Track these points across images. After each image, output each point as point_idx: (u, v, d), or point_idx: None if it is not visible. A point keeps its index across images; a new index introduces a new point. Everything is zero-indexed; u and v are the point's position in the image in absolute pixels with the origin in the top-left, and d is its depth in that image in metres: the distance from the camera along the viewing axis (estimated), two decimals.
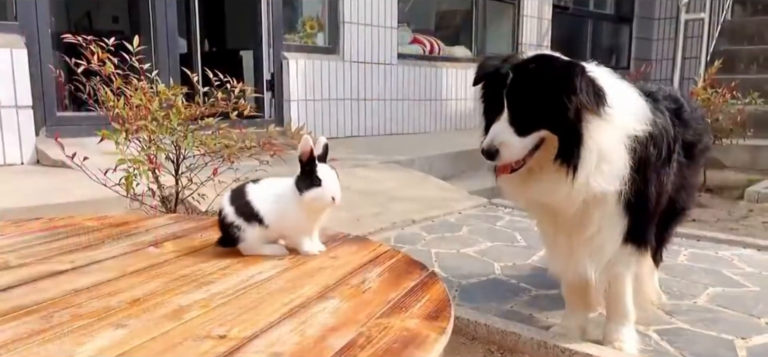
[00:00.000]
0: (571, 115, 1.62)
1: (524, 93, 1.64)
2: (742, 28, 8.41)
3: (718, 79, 5.33)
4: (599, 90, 1.67)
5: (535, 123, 1.65)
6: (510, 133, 1.65)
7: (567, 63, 1.67)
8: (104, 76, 2.78)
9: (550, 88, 1.61)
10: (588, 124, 1.65)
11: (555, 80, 1.61)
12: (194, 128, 2.67)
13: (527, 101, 1.64)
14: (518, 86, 1.64)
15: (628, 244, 1.93)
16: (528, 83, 1.64)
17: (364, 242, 1.69)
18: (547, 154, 1.70)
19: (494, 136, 1.66)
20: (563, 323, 2.20)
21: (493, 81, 1.72)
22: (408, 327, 1.06)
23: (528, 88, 1.64)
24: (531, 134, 1.66)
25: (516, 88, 1.65)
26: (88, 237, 1.73)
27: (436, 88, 7.39)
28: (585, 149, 1.65)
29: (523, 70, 1.66)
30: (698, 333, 2.19)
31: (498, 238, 3.49)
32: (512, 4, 8.45)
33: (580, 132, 1.64)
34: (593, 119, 1.65)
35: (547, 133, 1.66)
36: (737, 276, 2.79)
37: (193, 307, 1.17)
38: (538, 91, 1.63)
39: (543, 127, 1.66)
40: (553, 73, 1.63)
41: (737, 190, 5.13)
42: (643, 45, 10.63)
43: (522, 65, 1.68)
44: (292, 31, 6.44)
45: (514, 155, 1.67)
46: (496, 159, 1.67)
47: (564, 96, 1.60)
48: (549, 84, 1.62)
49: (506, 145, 1.65)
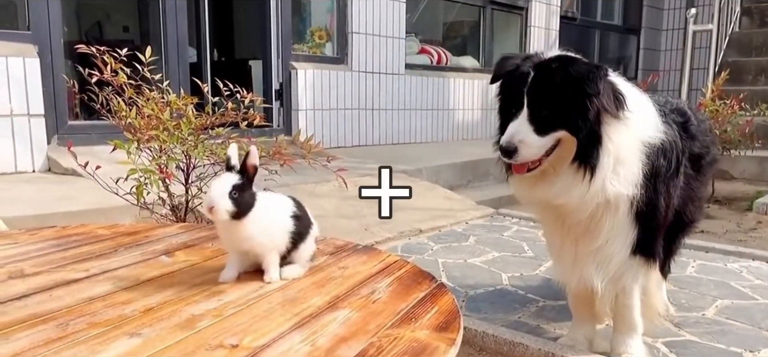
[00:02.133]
0: (592, 117, 1.62)
1: (545, 92, 1.63)
2: (750, 39, 8.40)
3: (725, 91, 5.33)
4: (619, 94, 1.69)
5: (554, 122, 1.64)
6: (529, 131, 1.64)
7: (589, 64, 1.66)
8: (116, 86, 2.82)
9: (572, 88, 1.61)
10: (607, 127, 1.65)
11: (577, 81, 1.60)
12: (204, 138, 2.70)
13: (548, 100, 1.63)
14: (540, 85, 1.64)
15: (636, 255, 1.93)
16: (550, 82, 1.63)
17: (373, 252, 1.70)
18: (562, 156, 1.69)
19: (513, 133, 1.65)
20: (570, 335, 2.20)
21: (513, 79, 1.71)
22: (418, 338, 1.08)
23: (549, 87, 1.63)
24: (550, 134, 1.65)
25: (537, 86, 1.64)
26: (101, 246, 1.75)
27: (444, 98, 7.41)
28: (603, 151, 1.65)
29: (546, 69, 1.65)
30: (706, 346, 2.18)
31: (505, 248, 3.49)
32: (519, 15, 8.47)
33: (599, 134, 1.64)
34: (613, 122, 1.66)
35: (565, 134, 1.65)
36: (746, 288, 2.79)
37: (205, 316, 1.19)
38: (559, 90, 1.62)
39: (562, 128, 1.65)
40: (576, 73, 1.61)
41: (745, 201, 5.12)
42: (650, 56, 10.63)
43: (544, 64, 1.67)
44: (301, 41, 6.48)
45: (532, 154, 1.66)
46: (514, 157, 1.65)
47: (586, 97, 1.60)
48: (571, 84, 1.61)
49: (525, 143, 1.64)
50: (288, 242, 1.44)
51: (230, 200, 1.34)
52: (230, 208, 1.34)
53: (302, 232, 1.46)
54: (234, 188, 1.35)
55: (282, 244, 1.43)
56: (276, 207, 1.45)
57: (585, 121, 1.63)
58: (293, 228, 1.44)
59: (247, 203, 1.37)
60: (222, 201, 1.33)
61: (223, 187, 1.35)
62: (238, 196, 1.35)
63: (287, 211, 1.46)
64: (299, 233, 1.45)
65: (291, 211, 1.46)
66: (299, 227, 1.45)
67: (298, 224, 1.45)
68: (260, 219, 1.39)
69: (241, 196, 1.36)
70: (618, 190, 1.71)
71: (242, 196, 1.36)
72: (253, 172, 1.40)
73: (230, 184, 1.35)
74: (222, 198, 1.34)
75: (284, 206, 1.47)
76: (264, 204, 1.41)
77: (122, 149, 2.43)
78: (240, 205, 1.35)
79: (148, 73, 2.88)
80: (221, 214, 1.34)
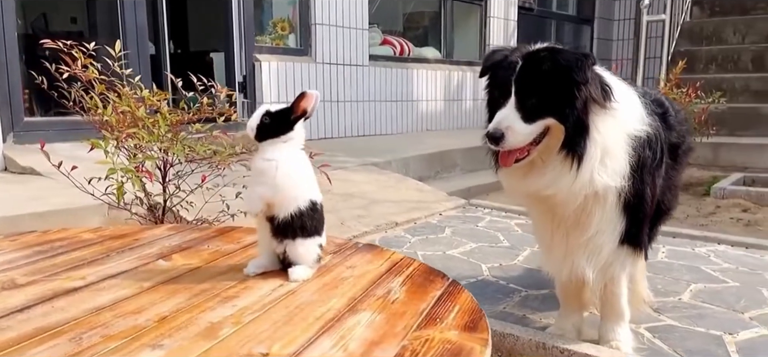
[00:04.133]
0: (579, 105, 1.64)
1: (533, 79, 1.64)
2: (701, 29, 8.70)
3: (680, 79, 5.51)
4: (606, 85, 1.71)
5: (542, 110, 1.65)
6: (516, 118, 1.65)
7: (577, 53, 1.68)
8: (84, 82, 2.72)
9: (560, 75, 1.63)
10: (594, 117, 1.67)
11: (565, 68, 1.62)
12: (183, 136, 2.62)
13: (536, 88, 1.65)
14: (528, 73, 1.65)
15: (624, 245, 1.97)
16: (538, 70, 1.65)
17: (377, 250, 1.69)
18: (550, 146, 1.71)
19: (500, 120, 1.65)
20: (559, 324, 2.24)
21: (501, 69, 1.72)
22: (449, 339, 1.07)
23: (537, 75, 1.64)
24: (537, 121, 1.66)
25: (525, 74, 1.65)
26: (90, 251, 1.68)
27: (407, 89, 7.42)
28: (591, 141, 1.67)
29: (534, 58, 1.67)
30: (687, 329, 2.26)
31: (481, 239, 3.53)
32: (479, 5, 8.55)
33: (586, 123, 1.66)
34: (600, 113, 1.68)
35: (552, 122, 1.67)
36: (716, 272, 2.89)
37: (225, 324, 1.16)
38: (547, 78, 1.64)
39: (550, 115, 1.66)
40: (564, 61, 1.63)
41: (702, 186, 5.32)
42: (604, 45, 10.89)
43: (532, 54, 1.69)
44: (263, 32, 6.38)
45: (520, 141, 1.66)
46: (501, 144, 1.66)
47: (574, 85, 1.62)
48: (559, 72, 1.63)
49: (512, 129, 1.64)
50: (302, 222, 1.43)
51: (260, 120, 1.42)
52: (255, 124, 1.42)
53: (307, 225, 1.44)
54: (267, 113, 1.43)
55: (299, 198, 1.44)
56: (306, 173, 1.48)
57: (572, 109, 1.65)
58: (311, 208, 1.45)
59: (275, 129, 1.42)
60: (253, 119, 1.43)
61: (259, 111, 1.44)
62: (267, 121, 1.42)
63: (311, 189, 1.49)
64: (304, 221, 1.44)
65: (314, 196, 1.48)
66: (310, 215, 1.45)
67: (311, 212, 1.45)
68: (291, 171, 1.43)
69: (271, 122, 1.42)
70: (606, 182, 1.74)
71: (272, 122, 1.42)
72: (300, 113, 1.45)
73: (265, 109, 1.44)
74: (254, 118, 1.43)
75: (312, 184, 1.50)
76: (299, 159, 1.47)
77: (100, 148, 2.34)
78: (264, 126, 1.42)
79: (118, 68, 2.79)
80: (248, 132, 1.43)
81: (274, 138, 1.43)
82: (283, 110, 1.45)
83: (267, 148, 1.44)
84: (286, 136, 1.44)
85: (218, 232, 1.91)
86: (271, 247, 1.46)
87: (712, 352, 2.08)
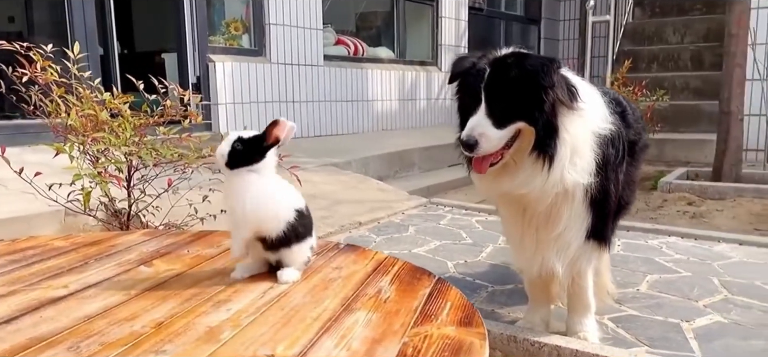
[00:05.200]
0: (548, 108, 1.70)
1: (502, 86, 1.69)
2: (643, 29, 9.05)
3: (626, 78, 5.74)
4: (572, 86, 1.78)
5: (512, 115, 1.71)
6: (488, 124, 1.69)
7: (543, 58, 1.74)
8: (42, 85, 2.64)
9: (527, 81, 1.68)
10: (563, 118, 1.73)
11: (532, 74, 1.67)
12: (148, 140, 2.58)
13: (505, 94, 1.69)
14: (496, 80, 1.70)
15: (590, 240, 2.06)
16: (506, 77, 1.69)
17: (360, 250, 1.72)
18: (522, 148, 1.77)
19: (473, 127, 1.70)
20: (528, 317, 2.31)
21: (470, 76, 1.76)
22: (448, 335, 1.11)
23: (506, 82, 1.69)
24: (508, 126, 1.71)
25: (494, 81, 1.70)
26: (67, 259, 1.65)
27: (362, 89, 7.45)
28: (560, 142, 1.73)
29: (501, 65, 1.72)
30: (648, 319, 2.37)
31: (444, 236, 3.59)
32: (431, 6, 8.65)
33: (555, 125, 1.72)
34: (567, 114, 1.75)
35: (523, 125, 1.72)
36: (669, 263, 3.04)
37: (223, 328, 1.16)
38: (515, 83, 1.68)
39: (520, 119, 1.71)
40: (531, 66, 1.68)
41: (649, 181, 5.54)
42: (550, 45, 11.19)
43: (500, 60, 1.74)
44: (216, 33, 6.28)
45: (493, 146, 1.71)
46: (475, 150, 1.71)
47: (541, 89, 1.68)
48: (526, 77, 1.68)
49: (485, 136, 1.69)
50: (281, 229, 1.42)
51: (231, 147, 1.40)
52: (225, 151, 1.39)
53: (300, 232, 1.45)
54: (239, 140, 1.40)
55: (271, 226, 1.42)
56: (283, 192, 1.47)
57: (541, 112, 1.71)
58: (292, 219, 1.44)
59: (246, 157, 1.39)
60: (223, 145, 1.40)
61: (230, 137, 1.42)
62: (239, 148, 1.39)
63: (293, 201, 1.47)
64: (296, 230, 1.44)
65: (297, 204, 1.47)
66: (300, 224, 1.45)
67: (300, 221, 1.45)
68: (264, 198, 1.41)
69: (243, 149, 1.40)
70: (575, 178, 1.82)
71: (244, 149, 1.40)
72: (272, 141, 1.43)
73: (237, 136, 1.41)
74: (226, 144, 1.41)
75: (292, 196, 1.48)
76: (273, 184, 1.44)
77: (64, 153, 2.28)
78: (236, 153, 1.39)
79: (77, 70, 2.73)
80: (217, 158, 1.40)
81: (245, 166, 1.40)
82: (255, 137, 1.42)
83: (234, 181, 1.41)
84: (257, 165, 1.42)
85: (196, 236, 1.90)
86: (264, 258, 1.47)
87: (672, 339, 2.19)
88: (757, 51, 5.99)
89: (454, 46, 8.84)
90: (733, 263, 3.04)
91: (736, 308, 2.45)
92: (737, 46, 5.13)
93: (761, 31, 6.20)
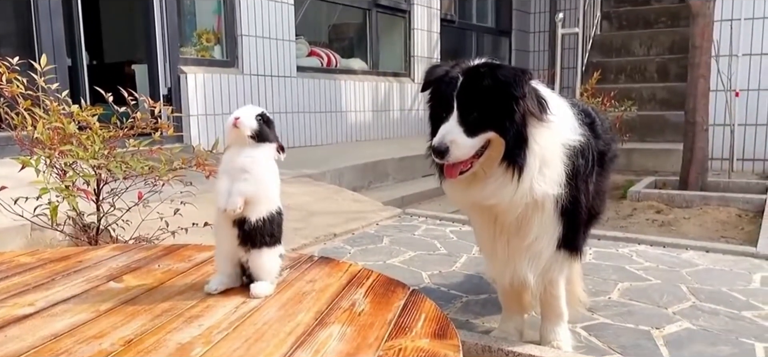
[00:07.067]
0: (518, 119, 1.72)
1: (474, 95, 1.71)
2: (611, 41, 9.24)
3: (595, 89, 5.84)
4: (542, 98, 1.81)
5: (483, 124, 1.72)
6: (459, 132, 1.71)
7: (515, 69, 1.77)
8: (8, 98, 2.59)
9: (499, 91, 1.70)
10: (532, 130, 1.75)
11: (504, 84, 1.70)
12: (119, 152, 2.54)
13: (476, 103, 1.72)
14: (469, 88, 1.72)
15: (562, 249, 2.08)
16: (478, 86, 1.72)
17: (333, 263, 1.71)
18: (492, 158, 1.79)
19: (444, 134, 1.71)
20: (502, 327, 2.32)
21: (442, 84, 1.78)
22: (422, 347, 1.11)
23: (478, 91, 1.71)
24: (479, 135, 1.73)
25: (466, 90, 1.72)
26: (33, 275, 1.61)
27: (336, 100, 7.45)
28: (530, 152, 1.75)
29: (474, 74, 1.74)
30: (619, 326, 2.40)
31: (419, 247, 3.60)
32: (403, 17, 8.70)
33: (525, 135, 1.74)
34: (537, 125, 1.77)
35: (493, 135, 1.74)
36: (639, 271, 3.09)
37: (195, 344, 1.15)
38: (487, 93, 1.71)
39: (490, 129, 1.73)
40: (503, 77, 1.71)
41: (618, 190, 5.63)
42: (521, 56, 11.35)
43: (472, 69, 1.76)
44: (187, 44, 6.23)
45: (463, 154, 1.73)
46: (446, 157, 1.72)
47: (512, 99, 1.70)
48: (498, 87, 1.70)
49: (456, 143, 1.70)
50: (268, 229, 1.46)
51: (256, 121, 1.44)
52: (255, 125, 1.43)
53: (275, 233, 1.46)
54: (261, 116, 1.46)
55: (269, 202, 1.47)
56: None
57: (512, 122, 1.73)
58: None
59: (267, 135, 1.47)
60: (248, 118, 1.44)
61: (252, 111, 1.46)
62: (263, 124, 1.46)
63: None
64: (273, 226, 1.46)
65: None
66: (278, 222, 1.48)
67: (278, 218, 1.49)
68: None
69: (265, 126, 1.47)
70: (545, 189, 1.84)
71: (266, 126, 1.47)
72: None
73: (259, 111, 1.47)
74: (249, 116, 1.44)
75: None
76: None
77: (30, 166, 2.23)
78: (262, 130, 1.45)
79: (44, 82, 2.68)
80: (244, 127, 1.43)
81: (262, 142, 1.47)
82: (268, 117, 1.51)
83: (248, 149, 1.46)
84: (267, 144, 1.49)
85: (166, 250, 1.87)
86: (234, 256, 1.45)
87: (643, 346, 2.22)
88: (721, 62, 6.15)
89: (427, 57, 8.90)
90: (701, 270, 3.10)
91: (704, 314, 2.49)
92: (701, 57, 5.25)
93: (724, 43, 6.37)
